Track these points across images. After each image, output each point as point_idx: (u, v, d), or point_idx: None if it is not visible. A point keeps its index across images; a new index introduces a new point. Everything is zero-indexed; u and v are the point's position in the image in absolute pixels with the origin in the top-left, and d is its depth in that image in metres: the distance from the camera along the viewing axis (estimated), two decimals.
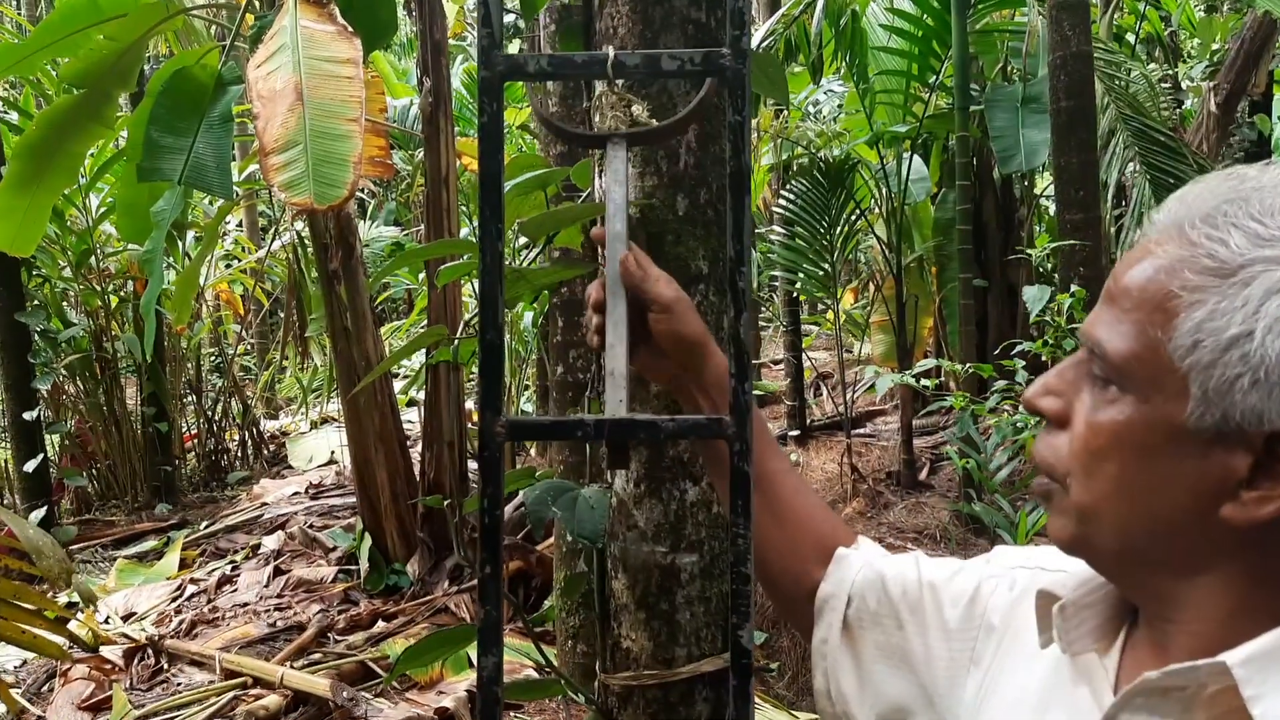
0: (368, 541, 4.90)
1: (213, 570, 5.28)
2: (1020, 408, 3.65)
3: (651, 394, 1.53)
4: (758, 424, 1.00)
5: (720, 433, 0.81)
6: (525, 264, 1.70)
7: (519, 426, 0.83)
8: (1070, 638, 0.78)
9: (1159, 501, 0.68)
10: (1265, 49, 6.58)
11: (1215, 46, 7.30)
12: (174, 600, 4.93)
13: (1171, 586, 0.70)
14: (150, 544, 6.00)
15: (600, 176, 1.51)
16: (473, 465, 4.94)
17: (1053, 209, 7.04)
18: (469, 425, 5.19)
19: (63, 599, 4.42)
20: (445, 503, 1.83)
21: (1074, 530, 0.73)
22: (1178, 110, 7.33)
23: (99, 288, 6.84)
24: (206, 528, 6.11)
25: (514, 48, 9.58)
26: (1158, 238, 0.70)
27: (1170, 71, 7.37)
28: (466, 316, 5.08)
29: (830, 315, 8.00)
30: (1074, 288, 3.87)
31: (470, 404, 6.63)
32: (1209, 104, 6.60)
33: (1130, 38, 7.15)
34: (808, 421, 7.18)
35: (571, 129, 1.06)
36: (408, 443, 5.09)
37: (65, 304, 7.08)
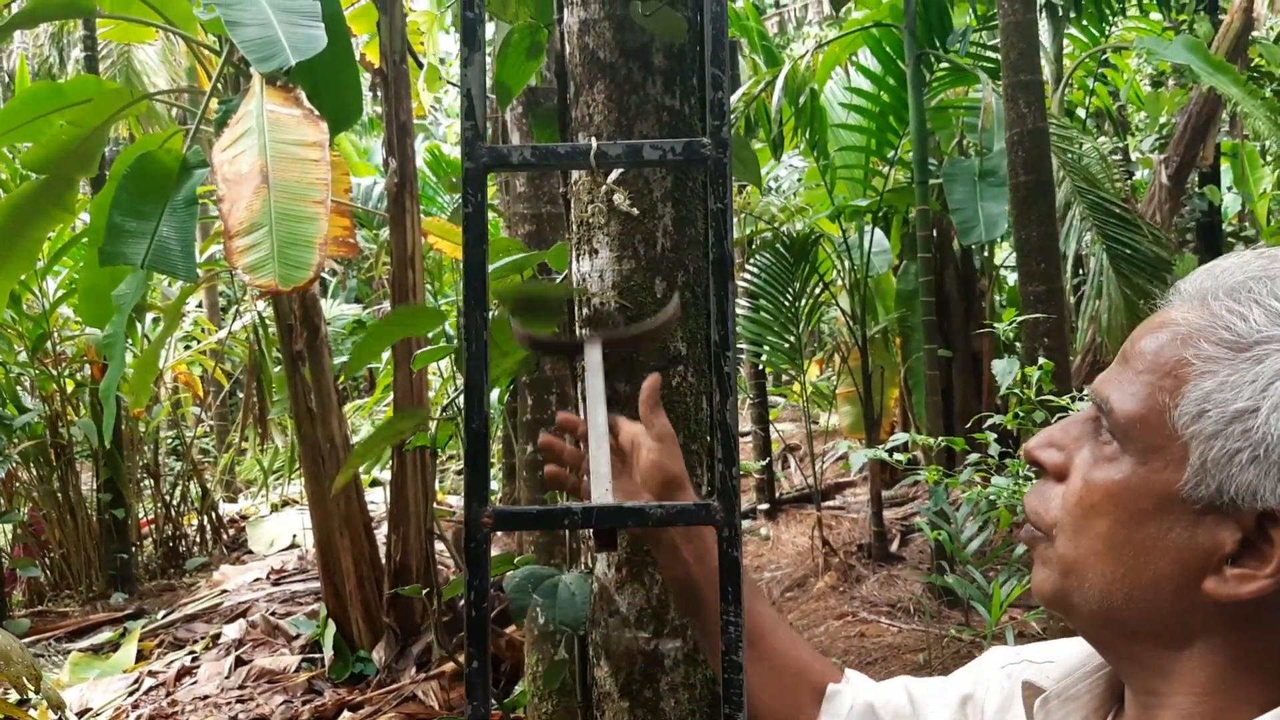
0: (332, 628, 4.78)
1: (171, 662, 5.12)
2: (991, 481, 3.65)
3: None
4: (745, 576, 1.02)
5: (709, 519, 0.80)
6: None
7: (505, 516, 0.82)
8: None
9: (1143, 566, 0.68)
10: (1211, 123, 6.79)
11: (1163, 120, 7.51)
12: (131, 694, 4.77)
13: (1152, 655, 0.70)
14: (106, 635, 5.81)
15: (576, 264, 1.51)
16: (440, 547, 4.86)
17: (1012, 278, 7.16)
18: (435, 506, 5.12)
19: (13, 696, 4.27)
20: (424, 592, 1.79)
21: (1057, 583, 0.73)
22: (1129, 181, 7.51)
23: (55, 372, 6.73)
24: (164, 617, 5.94)
25: None
26: (1181, 306, 0.71)
27: (1121, 144, 7.56)
28: (434, 395, 5.04)
29: (797, 387, 8.03)
30: (1040, 360, 3.90)
31: (438, 484, 6.55)
32: (1160, 176, 6.77)
33: (1081, 112, 7.36)
34: (777, 494, 7.16)
35: (551, 340, 1.18)
36: (373, 525, 5.00)
37: (20, 389, 6.95)
